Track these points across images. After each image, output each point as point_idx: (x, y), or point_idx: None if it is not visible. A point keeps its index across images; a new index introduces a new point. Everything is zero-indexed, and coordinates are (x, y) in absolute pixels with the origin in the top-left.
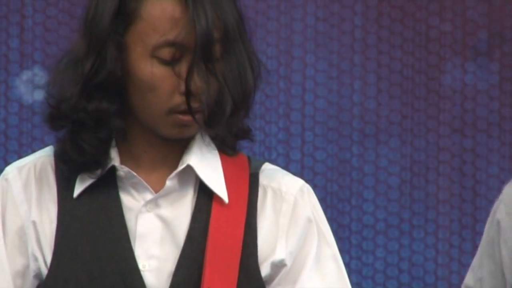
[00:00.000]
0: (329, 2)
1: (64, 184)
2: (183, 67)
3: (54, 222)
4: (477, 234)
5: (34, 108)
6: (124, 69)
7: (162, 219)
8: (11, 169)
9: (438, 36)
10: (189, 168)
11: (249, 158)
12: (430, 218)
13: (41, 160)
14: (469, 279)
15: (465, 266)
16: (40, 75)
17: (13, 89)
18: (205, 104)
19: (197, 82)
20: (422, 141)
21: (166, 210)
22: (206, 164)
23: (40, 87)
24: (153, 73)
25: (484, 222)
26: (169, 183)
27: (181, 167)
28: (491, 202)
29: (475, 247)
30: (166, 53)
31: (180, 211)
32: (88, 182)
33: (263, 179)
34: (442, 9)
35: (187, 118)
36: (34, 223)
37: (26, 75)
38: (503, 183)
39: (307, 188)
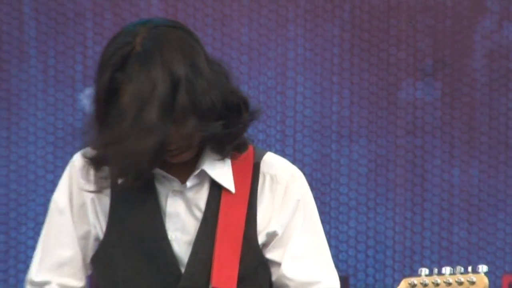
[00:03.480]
0: (314, 36)
1: None
2: None
3: (108, 199)
4: (425, 210)
5: None
6: None
7: (185, 202)
8: (77, 157)
9: (395, 62)
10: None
11: (254, 149)
12: (389, 197)
13: None
14: None
15: (415, 233)
16: None
17: (78, 101)
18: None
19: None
20: (384, 140)
21: (188, 196)
22: (217, 164)
23: None
24: None
25: (430, 201)
26: (189, 183)
27: (196, 171)
28: (435, 186)
29: (422, 219)
30: None
31: (198, 196)
32: None
33: (263, 167)
34: (398, 42)
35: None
36: (93, 200)
37: (87, 91)
38: (444, 171)
39: (299, 174)
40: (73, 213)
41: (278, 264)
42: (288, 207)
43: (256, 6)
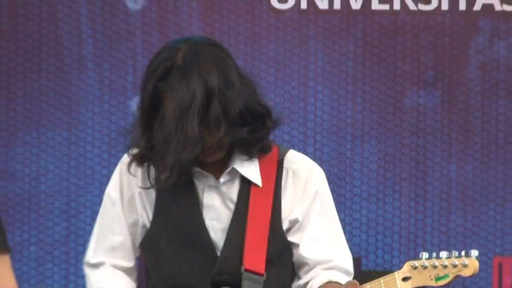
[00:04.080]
0: (331, 51)
1: None
2: None
3: (153, 193)
4: (426, 200)
5: None
6: None
7: (220, 195)
8: (126, 156)
9: (401, 73)
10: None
11: (278, 147)
12: (396, 190)
13: None
14: None
15: (418, 220)
16: None
17: (129, 107)
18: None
19: None
20: (391, 140)
21: (221, 190)
22: (246, 162)
23: None
24: None
25: (431, 193)
26: (222, 179)
27: (228, 169)
28: (435, 180)
29: (424, 208)
30: None
31: (230, 190)
32: None
33: (286, 163)
34: (403, 56)
35: None
36: (140, 193)
37: (136, 99)
38: (443, 167)
39: (317, 169)
40: (123, 204)
41: (298, 246)
42: (307, 198)
43: (282, 25)
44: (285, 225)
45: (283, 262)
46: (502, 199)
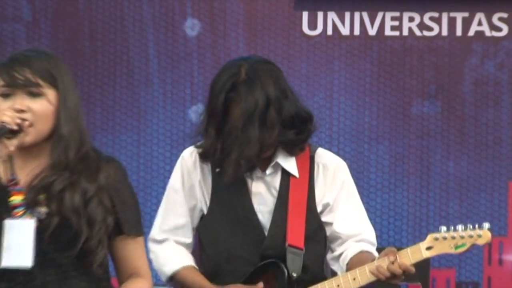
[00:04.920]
0: (352, 69)
1: None
2: None
3: (210, 183)
4: (429, 191)
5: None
6: None
7: (265, 185)
8: (186, 153)
9: (409, 87)
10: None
11: (309, 146)
12: (404, 182)
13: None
14: None
15: (422, 207)
16: (201, 108)
17: (187, 115)
18: None
19: None
20: (401, 142)
21: (266, 180)
22: (287, 158)
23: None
24: None
25: (433, 185)
26: (268, 171)
27: (272, 163)
28: (436, 174)
29: (428, 197)
30: None
31: (274, 180)
32: None
33: (317, 158)
34: (411, 73)
35: None
36: (200, 182)
37: (194, 107)
38: (443, 164)
39: (342, 163)
40: (184, 191)
41: (331, 224)
42: (336, 185)
43: (312, 48)
44: (319, 208)
45: (318, 238)
46: (491, 189)
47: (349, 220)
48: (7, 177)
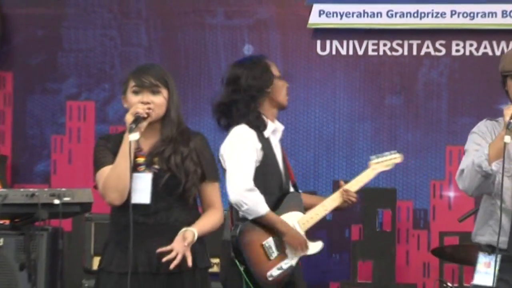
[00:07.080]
0: (348, 76)
1: None
2: None
3: (261, 151)
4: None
5: None
6: None
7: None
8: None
9: (384, 87)
10: None
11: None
12: (380, 146)
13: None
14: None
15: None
16: None
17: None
18: None
19: None
20: (378, 121)
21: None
22: None
23: None
24: None
25: (398, 148)
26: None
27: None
28: (400, 141)
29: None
30: None
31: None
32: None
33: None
34: (384, 78)
35: None
36: (256, 149)
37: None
38: (404, 134)
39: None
40: (251, 154)
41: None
42: None
43: (323, 63)
44: None
45: None
46: (435, 150)
47: None
48: (135, 146)
